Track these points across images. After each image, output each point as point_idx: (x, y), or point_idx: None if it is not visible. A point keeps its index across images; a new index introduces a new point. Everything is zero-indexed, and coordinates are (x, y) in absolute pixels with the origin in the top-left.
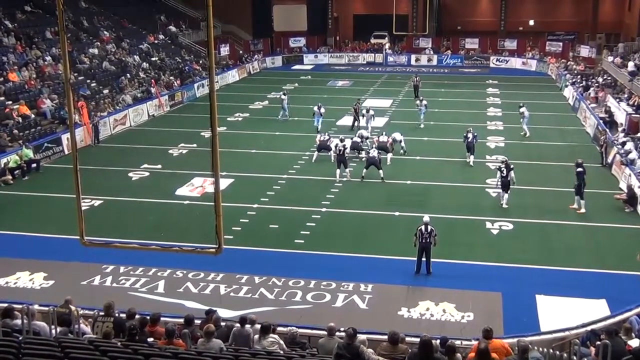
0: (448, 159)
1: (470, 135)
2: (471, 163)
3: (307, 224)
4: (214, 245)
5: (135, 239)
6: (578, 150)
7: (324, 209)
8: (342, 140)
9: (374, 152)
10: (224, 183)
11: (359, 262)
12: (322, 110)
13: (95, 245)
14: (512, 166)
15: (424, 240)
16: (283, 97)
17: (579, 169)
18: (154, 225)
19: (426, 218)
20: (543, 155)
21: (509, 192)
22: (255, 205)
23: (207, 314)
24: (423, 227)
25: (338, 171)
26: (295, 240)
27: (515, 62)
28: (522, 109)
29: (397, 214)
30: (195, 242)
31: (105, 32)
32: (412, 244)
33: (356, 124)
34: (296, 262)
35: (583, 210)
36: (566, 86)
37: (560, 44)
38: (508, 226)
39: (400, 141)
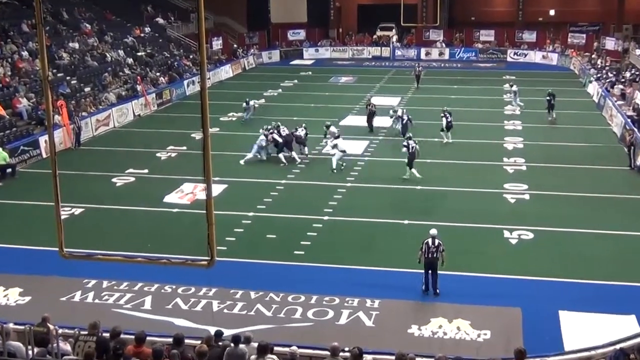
0: (461, 161)
1: (448, 116)
2: (450, 140)
3: (308, 233)
4: (206, 257)
5: (119, 250)
6: (603, 151)
7: (326, 217)
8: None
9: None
10: (217, 189)
11: (365, 275)
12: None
13: (76, 258)
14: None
15: (430, 256)
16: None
17: None
18: (141, 236)
19: (433, 231)
20: (565, 158)
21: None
22: (251, 213)
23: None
24: (430, 241)
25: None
26: (295, 252)
27: (535, 56)
28: (514, 87)
29: (406, 222)
30: (185, 253)
31: (87, 25)
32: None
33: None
34: (296, 275)
35: None
36: (590, 82)
37: (584, 35)
38: (528, 235)
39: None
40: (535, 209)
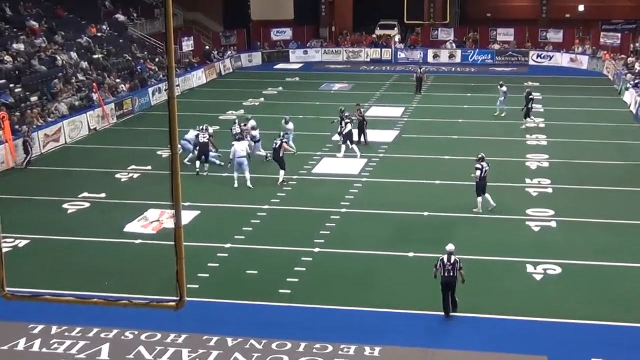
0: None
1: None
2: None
3: (295, 268)
4: (174, 298)
5: (71, 289)
6: None
7: (316, 249)
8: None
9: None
10: (188, 216)
11: (363, 317)
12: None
13: (20, 299)
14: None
15: (446, 274)
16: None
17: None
18: (97, 272)
19: (450, 246)
20: (597, 178)
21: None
22: (228, 245)
23: None
24: (445, 258)
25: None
26: (280, 290)
27: (561, 59)
28: (503, 87)
29: (411, 254)
30: (150, 293)
31: (34, 23)
32: (429, 290)
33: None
34: (281, 318)
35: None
36: (626, 89)
37: (619, 35)
38: (555, 269)
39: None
40: (563, 238)
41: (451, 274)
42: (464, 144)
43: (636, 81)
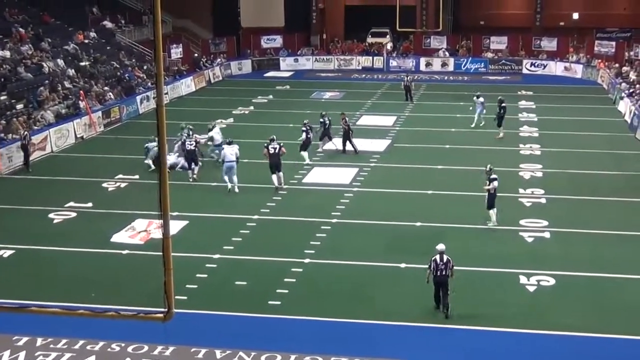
0: (468, 193)
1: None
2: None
3: (286, 279)
4: (162, 309)
5: (57, 301)
6: (638, 181)
7: (307, 260)
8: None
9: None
10: (176, 226)
11: (354, 330)
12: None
13: (5, 310)
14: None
15: (439, 274)
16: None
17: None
18: (83, 283)
19: (441, 246)
20: (592, 188)
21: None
22: (217, 256)
23: None
24: (438, 257)
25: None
26: (270, 302)
27: (555, 68)
28: (480, 98)
29: (403, 265)
30: (137, 304)
31: (20, 29)
32: (421, 302)
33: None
34: (271, 330)
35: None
36: (621, 98)
37: (613, 43)
38: (549, 281)
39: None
40: (556, 249)
41: (444, 273)
42: (457, 153)
43: (631, 90)
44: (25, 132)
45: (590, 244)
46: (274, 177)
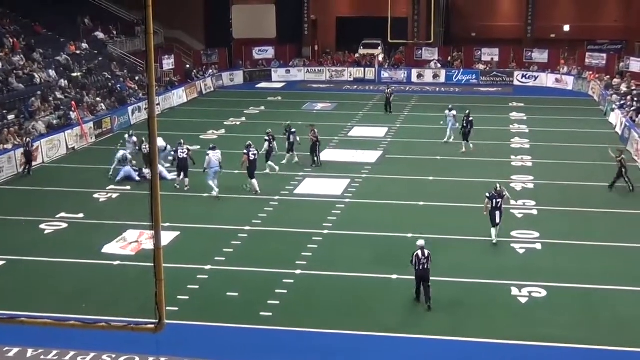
0: (459, 204)
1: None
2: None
3: (277, 290)
4: (153, 320)
5: (48, 312)
6: (629, 193)
7: (298, 271)
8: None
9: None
10: (167, 237)
11: (346, 341)
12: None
13: None
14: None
15: (421, 267)
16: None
17: None
18: (74, 294)
19: (421, 242)
20: (583, 200)
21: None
22: (208, 267)
23: None
24: (419, 252)
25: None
26: (262, 313)
27: (546, 79)
28: (453, 111)
29: (394, 277)
30: (128, 315)
31: (12, 40)
32: (412, 313)
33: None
34: (262, 341)
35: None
36: (612, 110)
37: (604, 55)
38: (540, 293)
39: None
40: (548, 261)
41: (426, 266)
42: (448, 165)
43: (621, 102)
44: (28, 139)
45: (581, 256)
46: (255, 182)
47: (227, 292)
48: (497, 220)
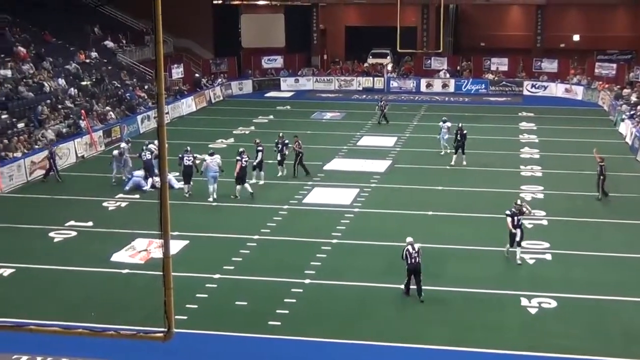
0: (469, 214)
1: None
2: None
3: (286, 300)
4: (162, 329)
5: (57, 320)
6: (639, 203)
7: (307, 281)
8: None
9: None
10: (176, 246)
11: (354, 351)
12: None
13: (4, 329)
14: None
15: (413, 261)
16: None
17: None
18: (83, 302)
19: (409, 238)
20: (593, 210)
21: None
22: (217, 276)
23: None
24: (410, 247)
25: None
26: (270, 322)
27: (556, 89)
28: (447, 123)
29: (403, 286)
30: (137, 324)
31: (22, 48)
32: (421, 323)
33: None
34: (271, 350)
35: None
36: (622, 120)
37: (614, 65)
38: (550, 303)
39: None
40: (558, 271)
41: (417, 260)
42: (457, 174)
43: (631, 112)
44: (50, 145)
45: (591, 267)
46: (247, 186)
47: (236, 301)
48: (518, 239)
